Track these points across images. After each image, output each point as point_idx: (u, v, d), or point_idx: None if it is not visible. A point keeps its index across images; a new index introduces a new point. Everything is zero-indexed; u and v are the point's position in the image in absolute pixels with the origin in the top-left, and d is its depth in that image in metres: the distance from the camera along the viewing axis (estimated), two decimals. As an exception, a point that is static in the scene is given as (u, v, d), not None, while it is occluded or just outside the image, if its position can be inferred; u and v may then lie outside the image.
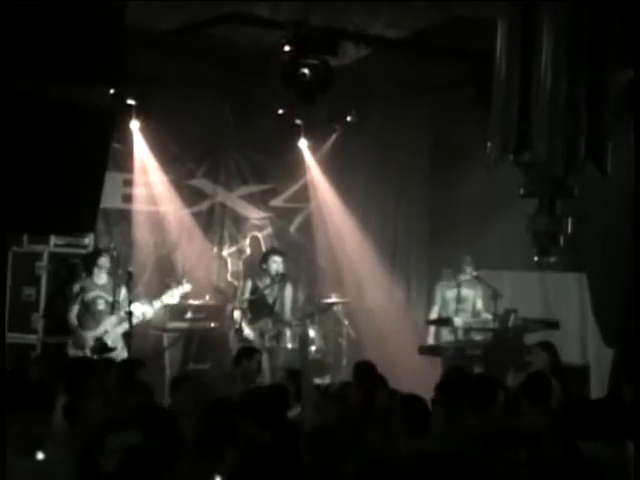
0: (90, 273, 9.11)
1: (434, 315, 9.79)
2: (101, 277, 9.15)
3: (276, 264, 9.40)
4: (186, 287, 9.39)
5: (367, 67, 9.18)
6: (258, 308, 9.51)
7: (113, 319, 8.98)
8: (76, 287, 9.06)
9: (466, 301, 9.70)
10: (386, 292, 11.20)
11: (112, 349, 8.90)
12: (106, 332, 8.94)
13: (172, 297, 9.26)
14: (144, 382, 6.26)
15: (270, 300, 9.56)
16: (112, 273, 9.28)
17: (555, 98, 4.92)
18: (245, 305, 9.50)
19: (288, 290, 9.67)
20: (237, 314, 9.36)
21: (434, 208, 11.14)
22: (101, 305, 9.05)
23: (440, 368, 8.90)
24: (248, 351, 7.61)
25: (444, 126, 10.69)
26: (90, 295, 9.05)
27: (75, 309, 8.98)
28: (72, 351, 8.83)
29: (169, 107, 9.70)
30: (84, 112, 5.82)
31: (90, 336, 8.92)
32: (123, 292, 9.14)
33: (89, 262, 9.17)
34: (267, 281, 9.37)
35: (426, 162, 11.18)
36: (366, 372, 6.56)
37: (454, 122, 10.27)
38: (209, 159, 10.82)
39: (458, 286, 9.57)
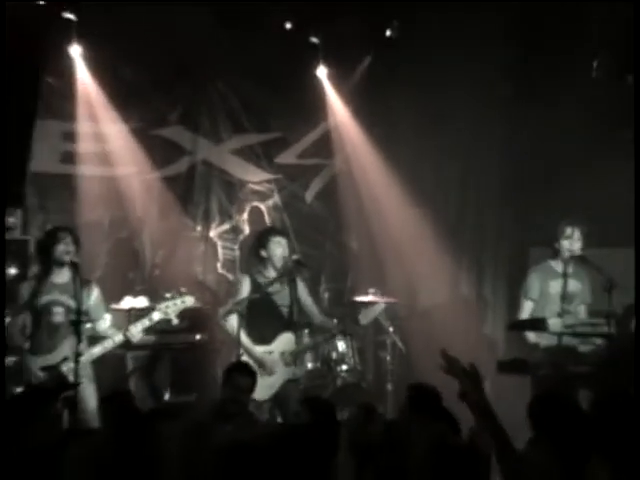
0: (47, 267, 8.10)
1: (525, 315, 8.92)
2: (63, 273, 8.09)
3: (281, 247, 8.65)
4: (187, 300, 8.42)
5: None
6: (262, 313, 8.72)
7: (76, 339, 7.67)
8: (24, 288, 8.13)
9: (575, 297, 8.84)
10: (449, 286, 10.95)
11: (74, 385, 7.63)
12: (65, 359, 7.93)
13: (166, 313, 8.31)
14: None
15: (283, 301, 8.74)
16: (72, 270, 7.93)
17: None
18: (243, 308, 8.59)
19: (301, 287, 8.85)
20: (232, 322, 8.58)
21: (517, 153, 10.59)
22: (58, 316, 8.06)
23: (530, 393, 8.15)
24: (241, 365, 7.36)
25: (529, 35, 10.17)
26: (43, 300, 8.03)
27: (20, 322, 8.07)
28: (12, 388, 7.78)
29: (126, 22, 9.37)
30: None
31: (39, 364, 7.91)
32: (95, 295, 8.19)
33: (44, 250, 8.21)
34: (271, 274, 8.66)
35: (502, 86, 10.64)
36: (428, 402, 5.79)
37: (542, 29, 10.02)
38: (185, 96, 10.50)
39: (565, 274, 8.61)
